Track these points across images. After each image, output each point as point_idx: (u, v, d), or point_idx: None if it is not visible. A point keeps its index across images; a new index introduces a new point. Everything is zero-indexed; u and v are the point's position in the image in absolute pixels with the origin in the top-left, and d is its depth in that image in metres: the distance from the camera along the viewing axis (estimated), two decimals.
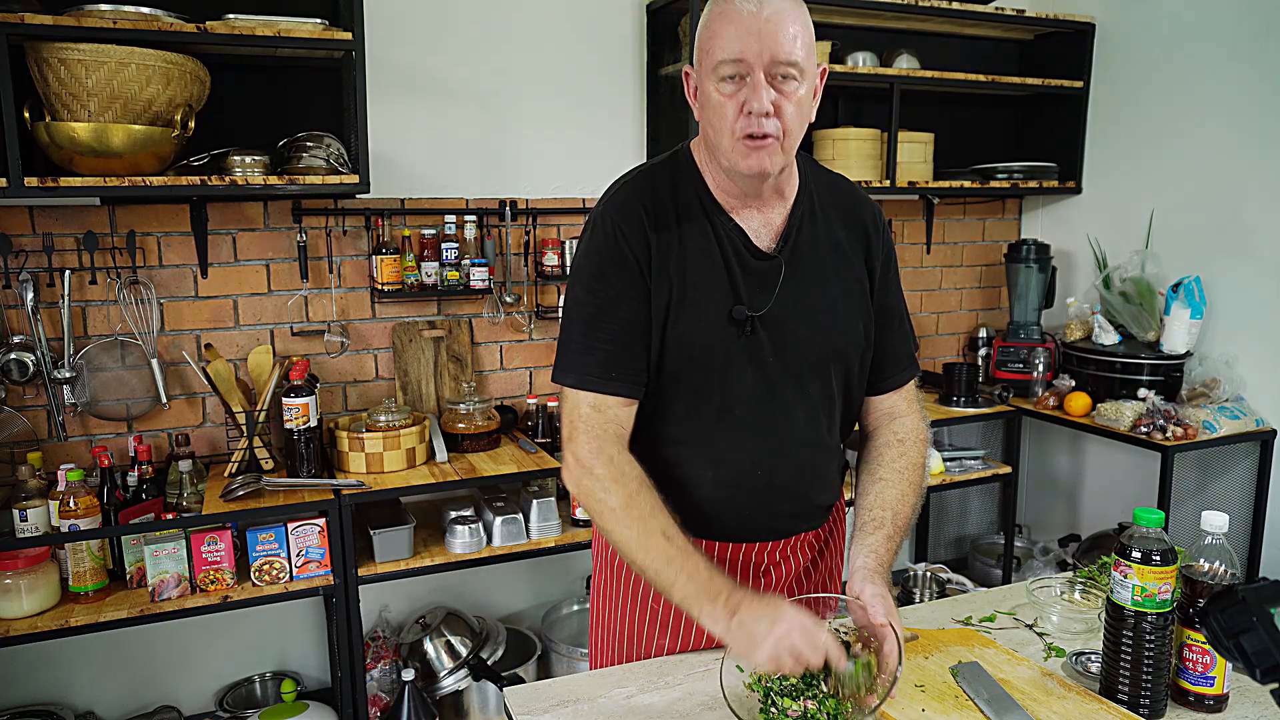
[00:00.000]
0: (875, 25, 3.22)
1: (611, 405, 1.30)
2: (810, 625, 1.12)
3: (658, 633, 1.42)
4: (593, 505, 1.28)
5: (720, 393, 1.32)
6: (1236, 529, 2.98)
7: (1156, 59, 3.16)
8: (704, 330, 1.30)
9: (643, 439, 1.35)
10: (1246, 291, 2.95)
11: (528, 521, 2.57)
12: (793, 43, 1.20)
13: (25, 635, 2.09)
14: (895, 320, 1.46)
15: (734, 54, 1.20)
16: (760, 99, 1.20)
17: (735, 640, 1.14)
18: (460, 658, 2.63)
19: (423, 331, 2.83)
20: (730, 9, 1.20)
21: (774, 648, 1.11)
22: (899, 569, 3.40)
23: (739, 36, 1.19)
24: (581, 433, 1.29)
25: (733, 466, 1.35)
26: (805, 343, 1.34)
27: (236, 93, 2.48)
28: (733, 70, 1.21)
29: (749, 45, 1.19)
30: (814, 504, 1.44)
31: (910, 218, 3.55)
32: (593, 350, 1.29)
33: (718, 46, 1.21)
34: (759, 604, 1.15)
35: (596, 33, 2.93)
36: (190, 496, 2.42)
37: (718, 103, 1.23)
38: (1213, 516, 1.19)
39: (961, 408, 3.16)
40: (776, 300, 1.32)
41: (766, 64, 1.20)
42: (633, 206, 1.32)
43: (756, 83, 1.20)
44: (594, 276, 1.31)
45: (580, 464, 1.28)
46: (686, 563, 1.20)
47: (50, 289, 2.43)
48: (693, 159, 1.36)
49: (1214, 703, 1.19)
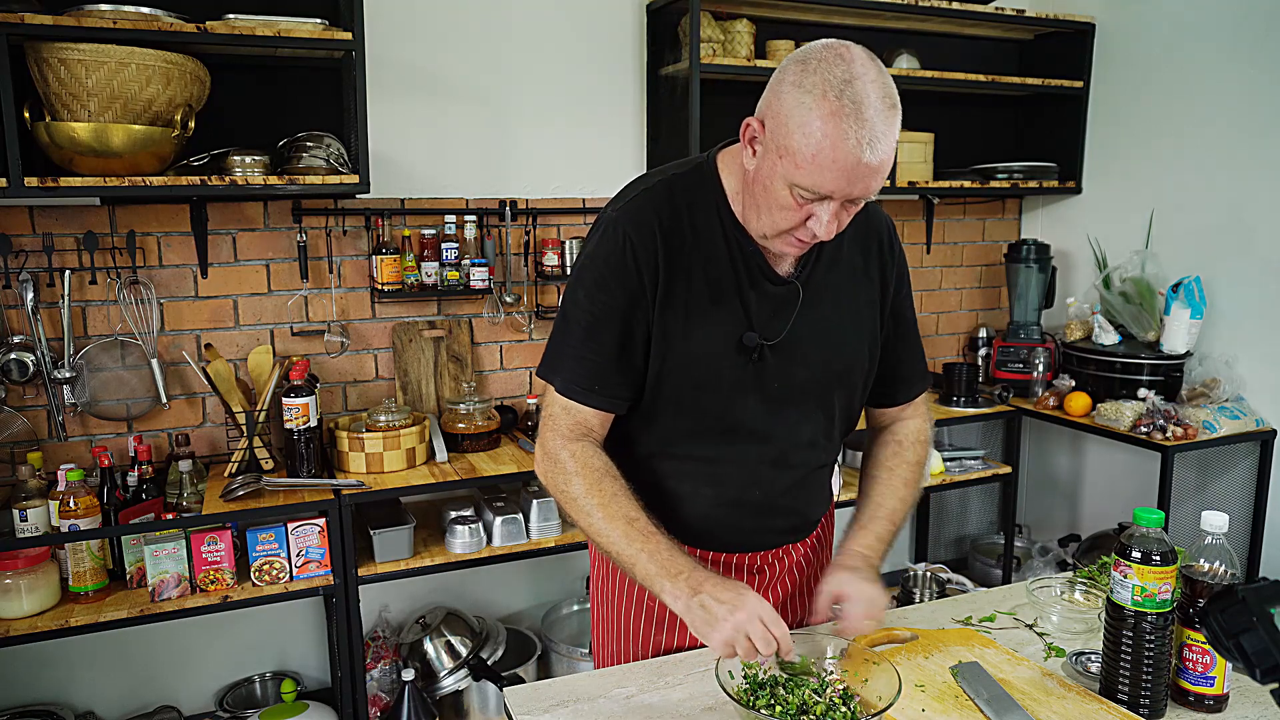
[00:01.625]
0: (875, 25, 3.22)
1: (586, 413, 1.30)
2: (770, 615, 1.13)
3: (654, 629, 1.43)
4: (558, 495, 1.30)
5: (722, 415, 1.31)
6: (1236, 529, 2.98)
7: (1156, 59, 3.16)
8: (711, 355, 1.28)
9: (639, 451, 1.36)
10: (1246, 291, 2.95)
11: (528, 521, 2.57)
12: (881, 181, 1.13)
13: (25, 635, 2.09)
14: (907, 334, 1.45)
15: (823, 191, 1.11)
16: (829, 231, 1.15)
17: (694, 619, 1.15)
18: (460, 658, 2.63)
19: (423, 331, 2.83)
20: (838, 138, 1.07)
21: (731, 632, 1.12)
22: (899, 569, 3.40)
23: (834, 176, 1.09)
24: (549, 429, 1.31)
25: (733, 485, 1.35)
26: (813, 370, 1.33)
27: (236, 93, 2.48)
28: (813, 196, 1.13)
29: (840, 187, 1.10)
30: (809, 519, 1.46)
31: (910, 218, 3.55)
32: (583, 360, 1.28)
33: (808, 171, 1.10)
34: (721, 586, 1.16)
35: (597, 32, 2.93)
36: (190, 496, 2.42)
37: (784, 204, 1.15)
38: (1213, 516, 1.19)
39: (961, 408, 3.17)
40: (790, 328, 1.30)
41: (849, 197, 1.13)
42: (647, 219, 1.26)
43: (831, 213, 1.14)
44: (597, 284, 1.27)
45: (547, 456, 1.31)
46: (647, 543, 1.21)
47: (50, 289, 2.43)
48: (718, 174, 1.29)
49: (1214, 703, 1.19)
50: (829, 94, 1.07)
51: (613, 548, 1.24)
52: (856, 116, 1.06)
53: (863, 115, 1.06)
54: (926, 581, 3.18)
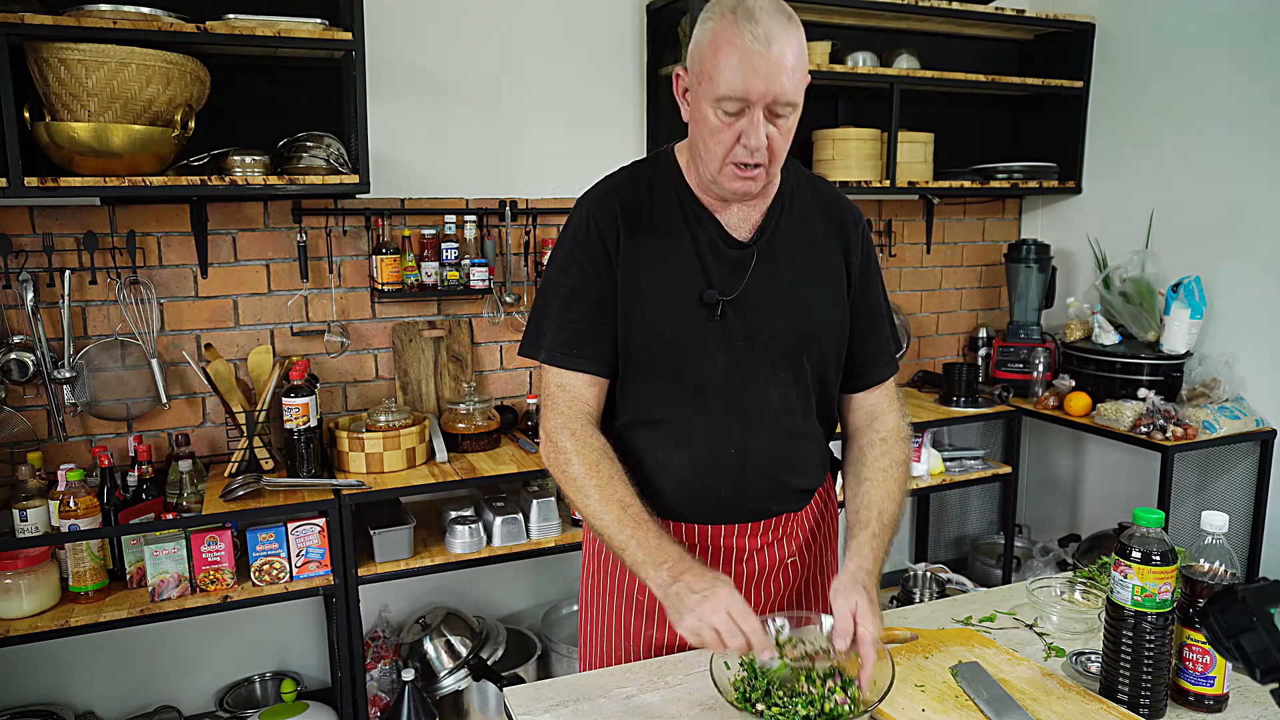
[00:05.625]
0: (875, 25, 3.22)
1: (577, 384, 1.37)
2: (739, 609, 1.15)
3: (645, 624, 1.44)
4: (558, 476, 1.36)
5: (692, 375, 1.36)
6: (1236, 529, 2.98)
7: (1156, 59, 3.16)
8: (673, 313, 1.34)
9: (617, 422, 1.41)
10: (1246, 291, 2.95)
11: (528, 521, 2.57)
12: (794, 82, 1.22)
13: (25, 635, 2.09)
14: (875, 320, 1.48)
15: (738, 93, 1.21)
16: (759, 136, 1.24)
17: (669, 605, 1.20)
18: (460, 658, 2.63)
19: (423, 331, 2.83)
20: (738, 41, 1.20)
21: (696, 621, 1.15)
22: (899, 569, 3.41)
23: (744, 76, 1.20)
24: (549, 410, 1.37)
25: (706, 446, 1.38)
26: (777, 328, 1.37)
27: (236, 93, 2.48)
28: (734, 107, 1.23)
29: (754, 85, 1.20)
30: (790, 487, 1.45)
31: (910, 218, 3.55)
32: (562, 329, 1.36)
33: (721, 79, 1.21)
34: (699, 577, 1.20)
35: (596, 33, 2.93)
36: (190, 496, 2.42)
37: (714, 127, 1.25)
38: (1213, 516, 1.19)
39: (961, 408, 3.16)
40: (748, 285, 1.35)
41: (768, 103, 1.22)
42: (608, 197, 1.37)
43: (755, 120, 1.23)
44: (568, 259, 1.37)
45: (549, 439, 1.37)
46: (638, 530, 1.27)
47: (50, 289, 2.43)
48: (675, 159, 1.40)
49: (1214, 703, 1.19)
50: (725, 14, 1.22)
51: (606, 531, 1.29)
52: (750, 20, 1.20)
53: (755, 18, 1.20)
54: (926, 581, 3.18)
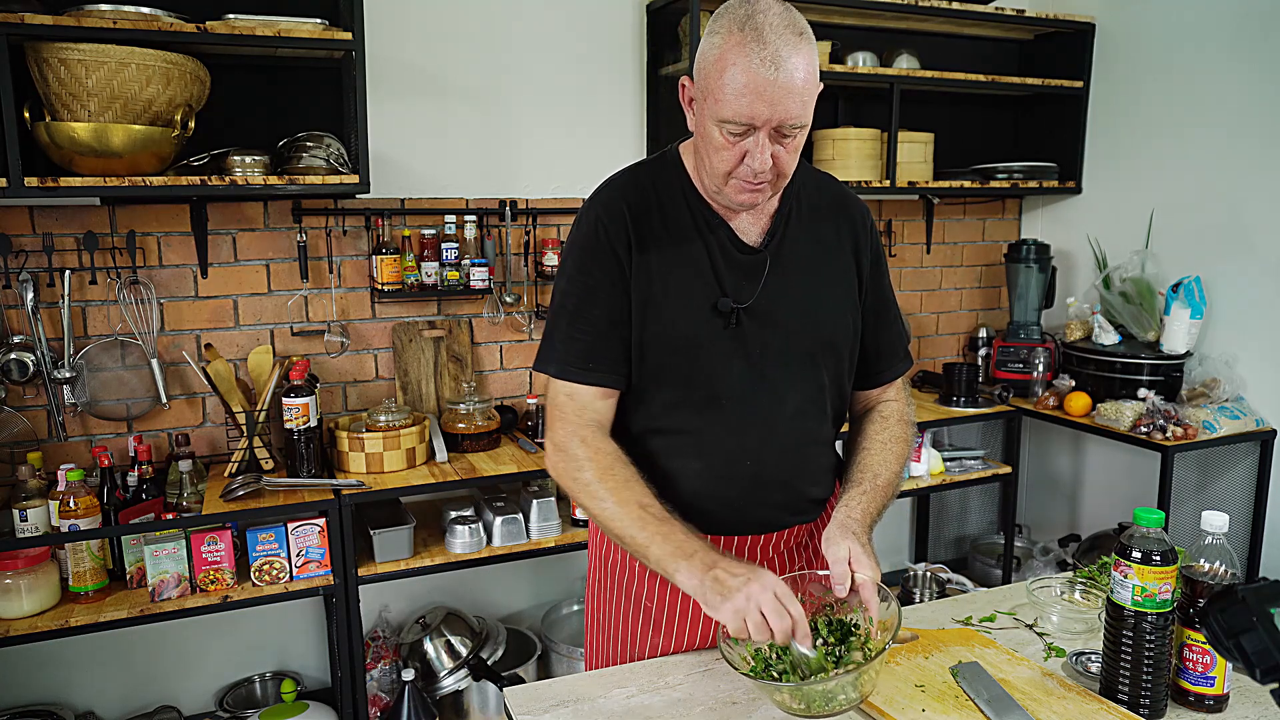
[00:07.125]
0: (875, 25, 3.22)
1: (589, 395, 1.33)
2: (786, 593, 1.13)
3: (652, 632, 1.42)
4: (570, 484, 1.32)
5: (707, 383, 1.33)
6: (1236, 529, 2.98)
7: (1156, 59, 3.16)
8: (687, 321, 1.32)
9: (631, 431, 1.37)
10: (1246, 291, 2.95)
11: (528, 521, 2.57)
12: (801, 105, 1.18)
13: (25, 635, 2.09)
14: (886, 317, 1.47)
15: (743, 118, 1.18)
16: (763, 159, 1.20)
17: (706, 594, 1.15)
18: (460, 658, 2.63)
19: (423, 331, 2.83)
20: (745, 64, 1.15)
21: (744, 601, 1.11)
22: (899, 569, 3.41)
23: (750, 101, 1.16)
24: (557, 420, 1.34)
25: (721, 456, 1.36)
26: (793, 334, 1.35)
27: (236, 93, 2.48)
28: (739, 129, 1.20)
29: (759, 111, 1.17)
30: (805, 496, 1.44)
31: (910, 218, 3.55)
32: (573, 340, 1.32)
33: (726, 101, 1.18)
34: (736, 563, 1.17)
35: (597, 33, 2.93)
36: (190, 496, 2.42)
37: (718, 144, 1.22)
38: (1213, 516, 1.19)
39: (961, 408, 3.16)
40: (762, 292, 1.33)
41: (775, 126, 1.19)
42: (616, 201, 1.34)
43: (760, 143, 1.20)
44: (576, 268, 1.34)
45: (557, 448, 1.33)
46: (661, 527, 1.23)
47: (50, 289, 2.43)
48: (681, 160, 1.37)
49: (1214, 703, 1.19)
50: (733, 31, 1.17)
51: (625, 533, 1.25)
52: (758, 41, 1.15)
53: (764, 39, 1.15)
54: (926, 581, 3.18)
